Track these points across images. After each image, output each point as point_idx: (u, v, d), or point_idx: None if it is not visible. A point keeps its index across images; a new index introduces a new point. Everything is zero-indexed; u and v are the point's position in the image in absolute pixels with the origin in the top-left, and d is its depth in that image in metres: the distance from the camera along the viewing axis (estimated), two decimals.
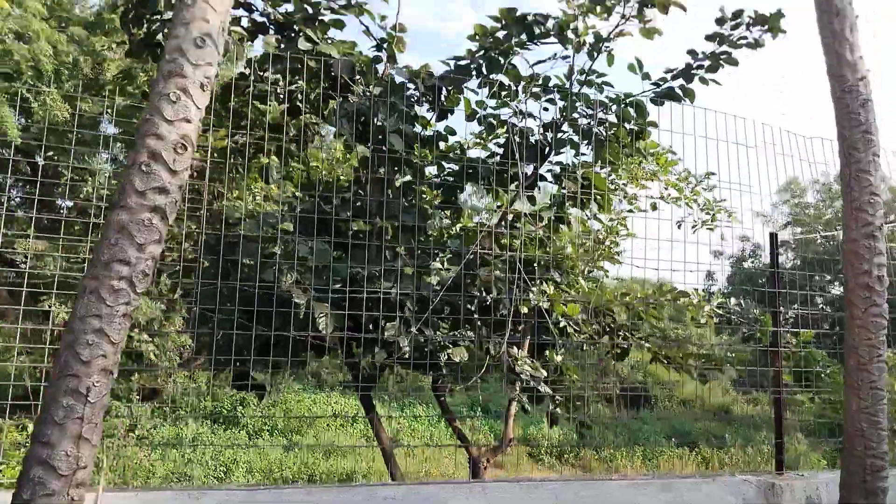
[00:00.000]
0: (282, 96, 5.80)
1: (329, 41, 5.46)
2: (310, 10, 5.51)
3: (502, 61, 5.38)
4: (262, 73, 5.59)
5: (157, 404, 17.43)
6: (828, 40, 3.95)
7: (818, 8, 3.97)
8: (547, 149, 5.65)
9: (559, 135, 5.59)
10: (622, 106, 5.42)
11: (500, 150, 5.87)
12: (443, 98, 5.56)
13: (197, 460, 14.97)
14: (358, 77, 5.44)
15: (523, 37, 5.13)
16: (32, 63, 14.46)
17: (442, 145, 6.02)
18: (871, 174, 3.85)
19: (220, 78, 6.28)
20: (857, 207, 3.88)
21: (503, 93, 5.57)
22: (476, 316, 5.57)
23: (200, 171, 5.79)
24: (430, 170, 6.24)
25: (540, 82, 5.55)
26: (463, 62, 5.43)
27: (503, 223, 6.04)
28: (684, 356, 7.04)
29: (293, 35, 5.29)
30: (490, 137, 6.26)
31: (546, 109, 5.62)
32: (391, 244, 5.25)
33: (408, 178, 5.71)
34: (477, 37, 5.27)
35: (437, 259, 5.69)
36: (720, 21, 5.07)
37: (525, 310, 6.17)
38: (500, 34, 5.18)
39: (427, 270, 5.35)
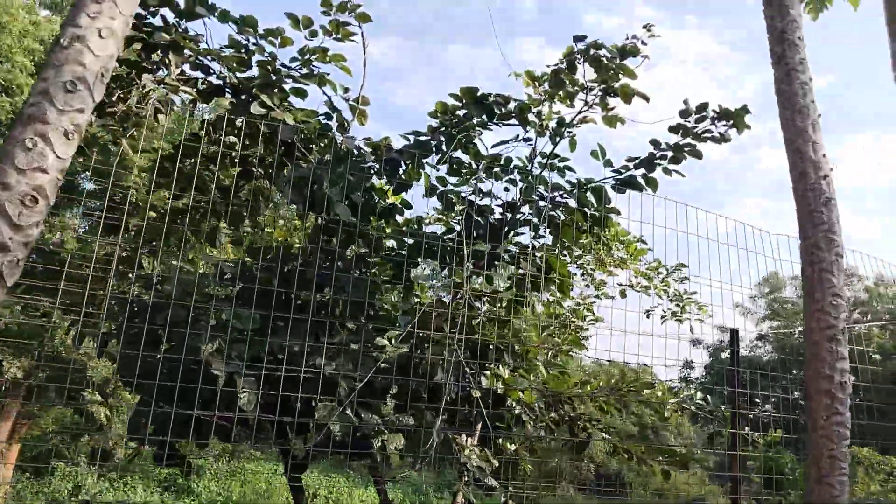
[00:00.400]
0: (236, 160, 5.61)
1: (288, 108, 5.32)
2: (273, 77, 5.41)
3: (463, 139, 5.27)
4: (216, 136, 5.41)
5: (105, 468, 16.40)
6: (790, 137, 3.87)
7: (780, 105, 3.91)
8: (506, 228, 5.48)
9: (518, 216, 5.43)
10: (583, 191, 5.30)
11: (458, 227, 5.68)
12: (401, 172, 5.40)
13: None
14: (312, 145, 5.29)
15: (484, 117, 5.04)
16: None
17: (400, 219, 5.84)
18: (833, 275, 3.69)
19: (171, 138, 6.08)
20: (819, 309, 3.70)
21: (464, 170, 5.43)
22: (423, 399, 5.22)
23: (138, 230, 5.50)
24: (391, 243, 6.04)
25: (502, 162, 5.44)
26: (423, 137, 5.31)
27: (460, 303, 5.79)
28: (646, 451, 6.69)
29: (249, 100, 5.14)
30: (452, 215, 6.10)
31: (507, 190, 5.49)
32: (335, 319, 4.95)
33: (363, 250, 5.48)
34: (438, 113, 5.17)
35: (385, 336, 5.38)
36: (684, 113, 5.03)
37: (478, 395, 5.84)
38: (461, 112, 5.08)
39: (372, 348, 5.02)
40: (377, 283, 5.38)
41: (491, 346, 6.00)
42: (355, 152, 5.05)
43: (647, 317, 9.06)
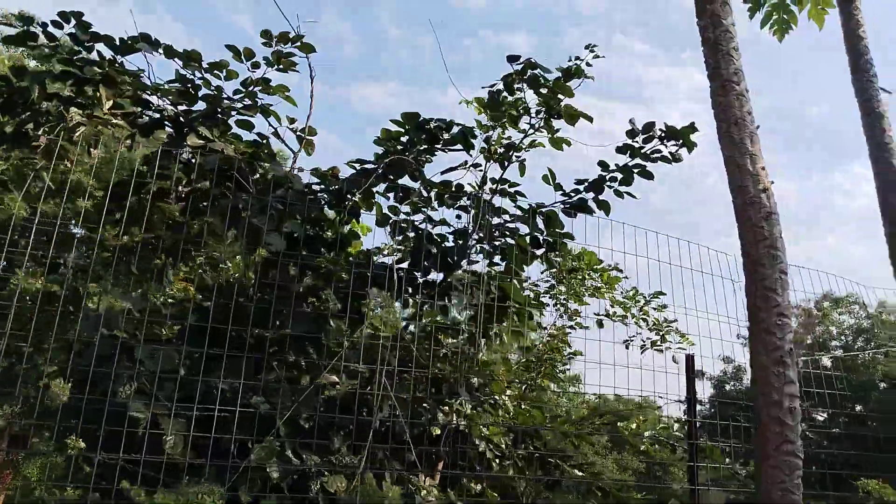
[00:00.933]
0: (182, 195, 5.49)
1: (230, 140, 5.21)
2: (218, 110, 5.32)
3: (412, 166, 5.13)
4: (161, 171, 5.29)
5: None
6: (728, 150, 3.71)
7: (716, 117, 3.76)
8: (456, 257, 5.29)
9: (471, 243, 5.25)
10: (534, 216, 5.12)
11: (409, 258, 5.50)
12: (350, 201, 5.25)
13: None
14: (258, 176, 5.16)
15: (427, 143, 4.90)
16: None
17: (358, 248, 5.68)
18: (777, 293, 3.48)
19: (105, 173, 5.96)
20: (764, 329, 3.48)
21: (414, 198, 5.28)
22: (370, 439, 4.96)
23: (84, 269, 5.34)
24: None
25: (453, 189, 5.29)
26: (369, 165, 5.18)
27: (414, 335, 5.58)
28: (622, 488, 6.38)
29: (190, 132, 5.03)
30: (406, 248, 5.93)
31: (459, 217, 5.33)
32: (275, 355, 4.74)
33: (309, 281, 5.29)
34: (383, 140, 5.04)
35: (328, 372, 5.15)
36: (631, 133, 4.89)
37: (437, 432, 5.59)
38: (405, 139, 4.96)
39: (315, 385, 4.79)
40: (325, 316, 5.18)
41: (452, 380, 5.76)
42: (294, 181, 4.91)
43: (627, 347, 8.82)
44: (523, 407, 7.20)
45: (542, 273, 7.84)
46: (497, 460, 6.02)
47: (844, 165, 70.04)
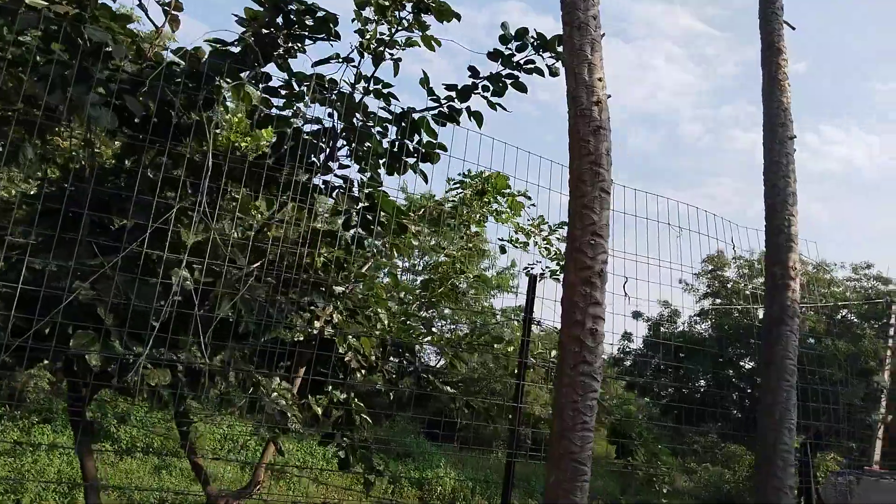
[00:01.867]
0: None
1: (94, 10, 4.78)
2: None
3: (282, 53, 4.79)
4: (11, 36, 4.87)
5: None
6: (568, 57, 3.47)
7: (562, 20, 3.49)
8: (326, 158, 5.04)
9: (340, 145, 5.00)
10: (405, 121, 4.85)
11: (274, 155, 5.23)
12: (211, 85, 4.91)
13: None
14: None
15: (288, 27, 4.55)
16: None
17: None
18: (595, 211, 3.33)
19: None
20: (576, 248, 3.35)
21: (283, 91, 4.97)
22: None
23: None
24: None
25: (326, 84, 4.97)
26: (235, 48, 4.82)
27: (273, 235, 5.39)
28: (490, 407, 6.44)
29: None
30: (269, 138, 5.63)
31: (331, 116, 5.03)
32: (117, 243, 4.51)
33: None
34: (245, 21, 4.67)
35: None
36: (503, 39, 4.59)
37: (298, 338, 5.49)
38: (267, 19, 4.59)
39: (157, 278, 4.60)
40: (180, 208, 4.93)
41: (323, 288, 5.63)
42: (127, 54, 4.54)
43: (527, 275, 8.77)
44: (408, 323, 7.16)
45: (446, 193, 7.64)
46: (363, 371, 5.97)
47: (818, 125, 70.18)
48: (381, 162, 4.91)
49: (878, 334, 24.35)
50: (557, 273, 8.29)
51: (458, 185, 7.41)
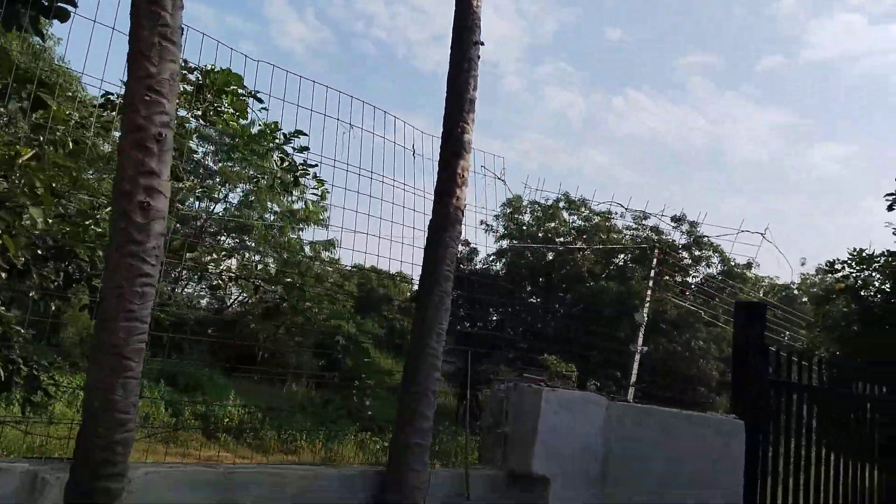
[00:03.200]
0: None
1: None
2: None
3: None
4: None
5: None
6: None
7: None
8: None
9: None
10: None
11: None
12: None
13: None
14: None
15: None
16: None
17: None
18: (152, 62, 2.78)
19: None
20: (129, 105, 2.80)
21: None
22: None
23: None
24: None
25: None
26: None
27: None
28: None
29: None
30: None
31: None
32: None
33: None
34: None
35: None
36: None
37: None
38: None
39: None
40: None
41: None
42: None
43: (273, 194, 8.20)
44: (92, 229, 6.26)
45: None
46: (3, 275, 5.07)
47: (625, 90, 75.72)
48: None
49: (644, 277, 27.03)
50: (291, 186, 7.79)
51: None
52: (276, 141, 7.57)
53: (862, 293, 11.61)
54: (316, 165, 7.99)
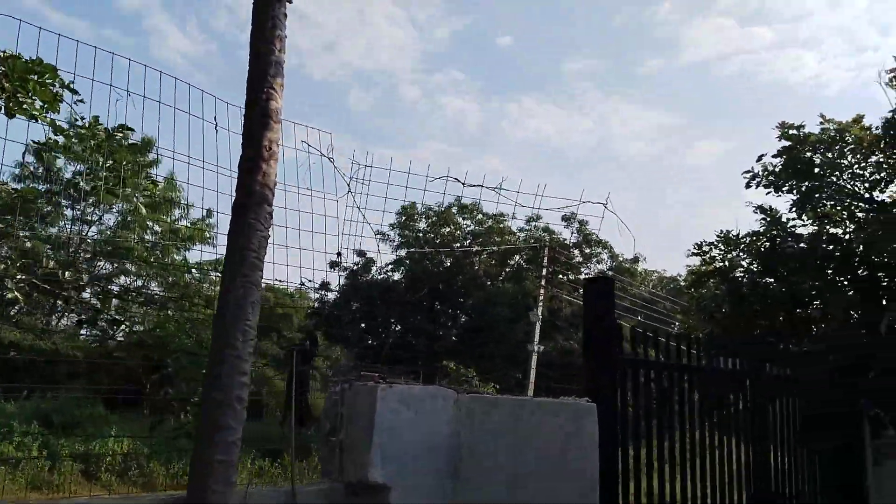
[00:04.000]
0: None
1: None
2: None
3: None
4: None
5: None
6: None
7: None
8: None
9: None
10: None
11: None
12: None
13: None
14: None
15: None
16: None
17: None
18: None
19: None
20: None
21: None
22: None
23: None
24: None
25: None
26: None
27: None
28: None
29: None
30: None
31: None
32: None
33: None
34: None
35: None
36: None
37: None
38: None
39: None
40: None
41: None
42: None
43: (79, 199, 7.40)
44: None
45: None
46: None
47: (519, 97, 77.31)
48: None
49: (537, 276, 27.37)
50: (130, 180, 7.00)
51: None
52: (99, 138, 6.75)
53: (731, 275, 12.00)
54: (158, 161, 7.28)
